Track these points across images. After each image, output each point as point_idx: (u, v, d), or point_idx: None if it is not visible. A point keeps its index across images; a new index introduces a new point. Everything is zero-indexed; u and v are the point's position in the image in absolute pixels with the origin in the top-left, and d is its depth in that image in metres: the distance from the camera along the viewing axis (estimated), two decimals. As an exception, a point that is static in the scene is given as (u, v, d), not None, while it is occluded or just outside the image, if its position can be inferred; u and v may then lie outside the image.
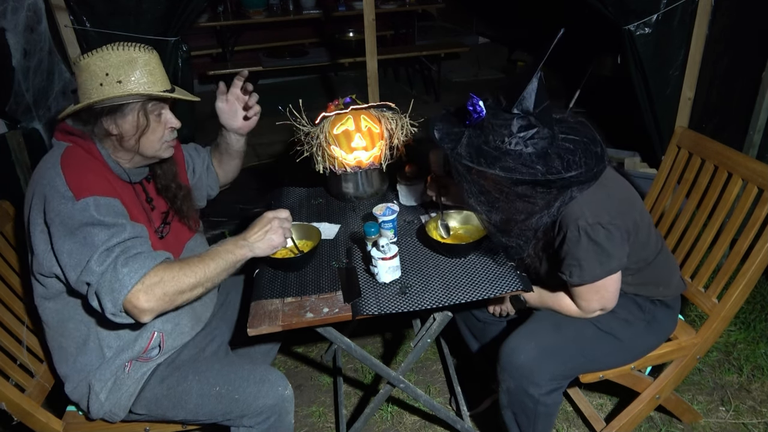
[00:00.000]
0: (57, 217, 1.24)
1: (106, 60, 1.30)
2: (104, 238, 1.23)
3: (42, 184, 1.28)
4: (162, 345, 1.48)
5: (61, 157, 1.32)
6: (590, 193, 1.35)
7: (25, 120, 2.11)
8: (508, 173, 1.28)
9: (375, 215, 1.68)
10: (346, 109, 1.87)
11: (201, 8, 2.29)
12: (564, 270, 1.45)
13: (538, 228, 1.39)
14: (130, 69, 1.32)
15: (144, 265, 1.22)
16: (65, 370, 1.45)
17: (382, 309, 1.42)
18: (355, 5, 5.54)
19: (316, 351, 2.45)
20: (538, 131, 1.32)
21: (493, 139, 1.33)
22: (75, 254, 1.22)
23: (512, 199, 1.35)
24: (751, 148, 2.44)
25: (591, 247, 1.38)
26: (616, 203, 1.42)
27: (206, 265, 1.31)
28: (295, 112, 1.86)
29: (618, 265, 1.42)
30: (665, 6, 2.30)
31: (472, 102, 1.36)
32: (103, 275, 1.20)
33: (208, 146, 1.84)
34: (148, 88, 1.34)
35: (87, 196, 1.25)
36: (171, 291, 1.24)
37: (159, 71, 1.37)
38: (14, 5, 1.94)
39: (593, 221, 1.36)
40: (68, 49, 2.15)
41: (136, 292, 1.20)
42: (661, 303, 1.61)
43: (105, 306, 1.21)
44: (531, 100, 1.30)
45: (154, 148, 1.42)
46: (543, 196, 1.33)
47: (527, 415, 1.55)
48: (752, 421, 1.97)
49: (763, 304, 2.48)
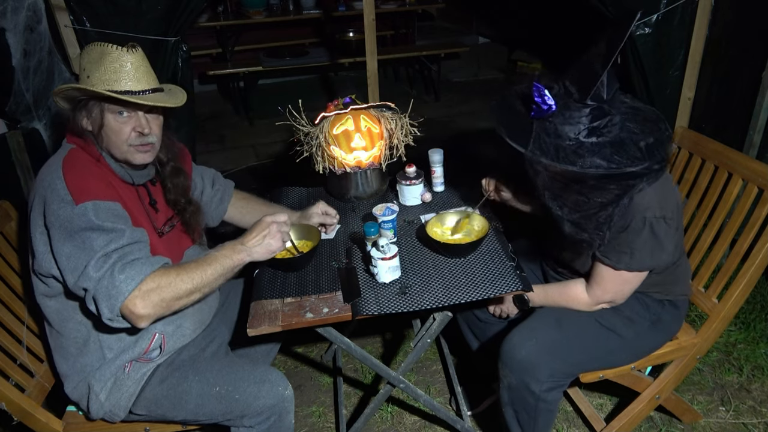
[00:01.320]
0: (56, 221, 1.24)
1: (89, 54, 1.31)
2: (102, 243, 1.23)
3: (43, 186, 1.28)
4: (163, 346, 1.48)
5: (63, 159, 1.31)
6: (659, 184, 1.34)
7: (25, 120, 2.10)
8: (592, 170, 1.22)
9: (375, 215, 1.68)
10: (346, 109, 1.87)
11: (201, 8, 2.28)
12: (610, 255, 1.42)
13: (613, 217, 1.34)
14: (100, 65, 1.30)
15: (141, 271, 1.23)
16: (65, 370, 1.45)
17: (382, 309, 1.42)
18: (355, 5, 5.54)
19: (316, 351, 2.45)
20: (611, 119, 1.27)
21: (567, 133, 1.27)
22: (73, 258, 1.22)
23: (589, 194, 1.30)
24: (751, 148, 2.44)
25: (650, 239, 1.38)
26: (676, 198, 1.42)
27: (203, 270, 1.31)
28: (294, 113, 1.86)
29: (667, 259, 1.43)
30: (665, 6, 2.30)
31: (540, 92, 1.27)
32: (100, 281, 1.20)
33: (231, 181, 1.85)
34: (108, 86, 1.29)
35: (86, 200, 1.25)
36: (168, 297, 1.25)
37: (133, 72, 1.31)
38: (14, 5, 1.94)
39: (660, 215, 1.36)
40: (68, 49, 2.15)
41: (133, 299, 1.20)
42: (670, 303, 1.60)
43: (102, 311, 1.22)
44: (604, 89, 1.25)
45: (121, 150, 1.36)
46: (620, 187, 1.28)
47: (528, 412, 1.55)
48: (752, 421, 1.97)
49: (763, 304, 2.47)
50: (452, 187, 2.01)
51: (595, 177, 1.24)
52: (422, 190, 1.93)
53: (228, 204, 1.82)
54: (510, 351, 1.52)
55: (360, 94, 2.28)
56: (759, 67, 2.32)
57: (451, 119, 5.12)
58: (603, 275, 1.48)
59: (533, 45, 6.17)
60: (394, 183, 1.97)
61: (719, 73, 2.50)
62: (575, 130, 1.27)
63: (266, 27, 5.62)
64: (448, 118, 5.14)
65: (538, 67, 6.10)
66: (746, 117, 2.42)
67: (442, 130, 4.74)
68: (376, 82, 2.70)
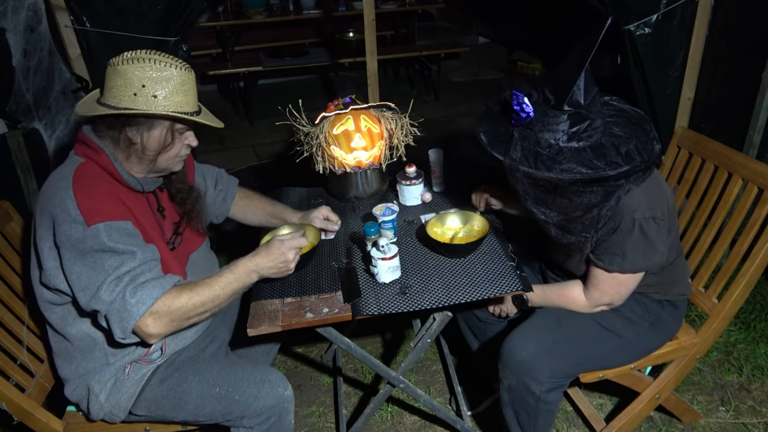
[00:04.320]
0: (67, 241, 1.24)
1: (145, 71, 1.28)
2: (114, 264, 1.24)
3: (53, 203, 1.27)
4: (164, 349, 1.49)
5: (73, 176, 1.29)
6: (647, 185, 1.34)
7: (25, 120, 2.10)
8: (569, 176, 1.24)
9: (375, 215, 1.68)
10: (346, 109, 1.87)
11: (201, 8, 2.28)
12: (602, 257, 1.43)
13: (600, 219, 1.35)
14: (167, 86, 1.31)
15: (152, 294, 1.25)
16: (66, 373, 1.46)
17: (382, 309, 1.42)
18: (355, 5, 5.54)
19: (316, 351, 2.45)
20: (590, 123, 1.27)
21: (546, 140, 1.28)
22: (83, 277, 1.24)
23: (572, 198, 1.31)
24: (751, 148, 2.44)
25: (641, 240, 1.37)
26: (667, 199, 1.42)
27: (215, 293, 1.33)
28: (294, 113, 1.86)
29: (660, 260, 1.42)
30: (665, 6, 2.30)
31: (518, 100, 1.29)
32: (112, 304, 1.23)
33: (235, 178, 1.86)
34: (180, 107, 1.34)
35: (98, 221, 1.25)
36: (178, 318, 1.29)
37: (192, 92, 1.38)
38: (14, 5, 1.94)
39: (649, 215, 1.35)
40: (68, 49, 2.15)
41: (144, 320, 1.24)
42: (669, 303, 1.61)
43: (114, 331, 1.25)
44: (581, 94, 1.26)
45: (168, 163, 1.42)
46: (604, 190, 1.29)
47: (528, 413, 1.55)
48: (752, 421, 1.97)
49: (763, 304, 2.48)
50: (452, 187, 2.01)
51: (574, 182, 1.25)
52: (422, 190, 1.93)
53: (231, 203, 1.83)
54: (510, 352, 1.52)
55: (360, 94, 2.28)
56: (759, 67, 2.32)
57: (451, 119, 5.12)
58: (598, 278, 1.48)
59: (533, 45, 6.17)
60: (394, 183, 1.97)
61: (719, 73, 2.50)
62: (554, 137, 1.28)
63: (266, 27, 5.62)
64: (448, 118, 5.14)
65: (538, 67, 6.11)
66: (746, 117, 2.42)
67: (442, 130, 4.74)
68: (376, 82, 2.70)
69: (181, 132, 1.40)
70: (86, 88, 2.23)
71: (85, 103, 1.40)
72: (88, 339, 1.41)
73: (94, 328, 1.40)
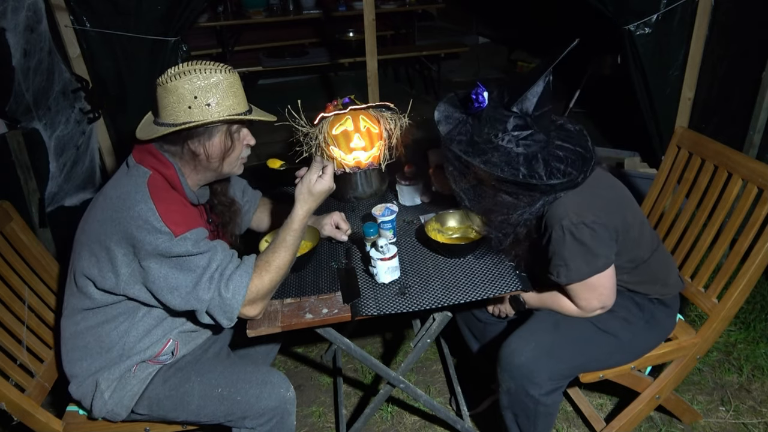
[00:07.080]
0: (154, 250, 1.29)
1: (193, 83, 1.32)
2: (203, 262, 1.32)
3: (130, 216, 1.29)
4: (175, 352, 1.51)
5: (148, 188, 1.33)
6: (575, 193, 1.36)
7: (25, 120, 2.10)
8: (490, 168, 1.31)
9: (374, 215, 1.68)
10: (345, 110, 1.87)
11: (201, 8, 2.29)
12: (552, 270, 1.45)
13: (518, 224, 1.41)
14: (217, 92, 1.34)
15: (242, 282, 1.34)
16: (77, 370, 1.46)
17: (381, 310, 1.42)
18: (355, 5, 5.54)
19: (316, 351, 2.45)
20: (532, 134, 1.32)
21: (487, 132, 1.34)
22: (172, 279, 1.32)
23: (494, 192, 1.38)
24: (751, 148, 2.44)
25: (576, 246, 1.38)
26: (602, 203, 1.42)
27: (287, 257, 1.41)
28: (294, 113, 1.86)
29: (605, 263, 1.42)
30: (665, 6, 2.30)
31: (477, 91, 1.37)
32: (211, 301, 1.32)
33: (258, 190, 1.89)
34: (233, 110, 1.37)
35: (184, 231, 1.31)
36: (268, 294, 1.40)
37: (241, 93, 1.40)
38: (14, 5, 1.94)
39: (577, 221, 1.36)
40: (68, 49, 2.15)
41: (244, 309, 1.35)
42: (660, 302, 1.61)
43: (221, 322, 1.35)
44: (532, 102, 1.30)
45: (232, 166, 1.47)
46: (525, 195, 1.35)
47: (527, 416, 1.55)
48: (752, 421, 1.97)
49: (763, 304, 2.47)
50: (452, 187, 2.01)
51: (495, 178, 1.32)
52: (422, 190, 1.93)
53: (253, 214, 1.85)
54: (509, 356, 1.52)
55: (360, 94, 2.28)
56: (759, 67, 2.32)
57: (451, 119, 5.11)
58: (569, 290, 1.49)
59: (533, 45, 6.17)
60: (394, 183, 1.97)
61: (719, 73, 2.50)
62: (494, 132, 1.34)
63: (266, 27, 5.62)
64: (448, 118, 5.13)
65: (538, 67, 6.09)
66: (746, 117, 2.42)
67: (442, 130, 4.73)
68: (376, 82, 2.70)
69: (238, 132, 1.43)
70: (86, 88, 2.23)
71: (143, 128, 1.43)
72: (113, 337, 1.44)
73: (124, 327, 1.43)
